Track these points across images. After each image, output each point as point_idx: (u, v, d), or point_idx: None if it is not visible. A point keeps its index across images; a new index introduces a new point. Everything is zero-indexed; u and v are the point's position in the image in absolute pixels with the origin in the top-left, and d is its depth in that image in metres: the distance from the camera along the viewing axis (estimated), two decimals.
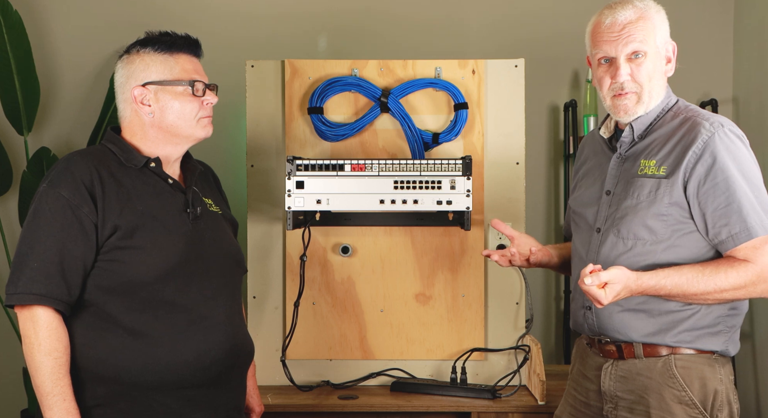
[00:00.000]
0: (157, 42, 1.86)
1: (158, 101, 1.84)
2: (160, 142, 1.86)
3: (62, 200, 1.74)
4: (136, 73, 1.84)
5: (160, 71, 1.84)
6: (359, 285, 2.44)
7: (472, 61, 2.44)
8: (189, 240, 1.82)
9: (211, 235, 1.89)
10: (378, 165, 2.21)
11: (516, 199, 2.45)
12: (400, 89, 2.40)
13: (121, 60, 1.88)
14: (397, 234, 2.44)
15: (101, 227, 1.76)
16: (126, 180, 1.81)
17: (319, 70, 2.43)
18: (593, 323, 1.89)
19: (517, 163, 2.45)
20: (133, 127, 1.87)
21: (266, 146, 2.45)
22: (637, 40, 1.80)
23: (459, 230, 2.41)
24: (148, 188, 1.83)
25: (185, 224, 1.84)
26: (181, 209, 1.85)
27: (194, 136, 1.88)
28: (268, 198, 2.45)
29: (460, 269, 2.44)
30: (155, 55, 1.84)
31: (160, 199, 1.83)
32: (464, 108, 2.40)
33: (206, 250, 1.85)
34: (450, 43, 2.96)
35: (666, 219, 1.78)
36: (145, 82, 1.83)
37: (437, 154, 2.42)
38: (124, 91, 1.86)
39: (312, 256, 2.43)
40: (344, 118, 2.44)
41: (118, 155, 1.84)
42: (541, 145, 3.03)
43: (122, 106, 1.88)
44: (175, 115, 1.84)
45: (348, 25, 2.96)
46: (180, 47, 1.87)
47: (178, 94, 1.84)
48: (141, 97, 1.84)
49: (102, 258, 1.76)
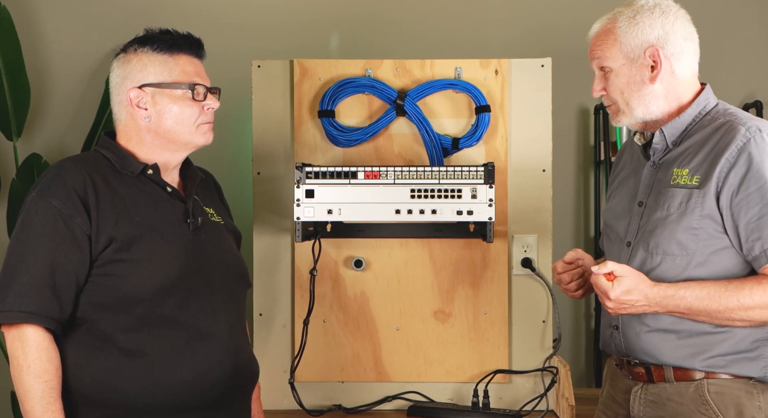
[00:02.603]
0: (156, 41, 1.85)
1: (155, 105, 1.84)
2: (157, 148, 1.86)
3: (53, 210, 1.74)
4: (132, 73, 1.84)
5: (158, 73, 1.84)
6: (373, 301, 2.46)
7: (494, 60, 2.45)
8: (189, 252, 1.83)
9: (213, 247, 1.89)
10: (393, 172, 2.22)
11: (542, 209, 2.45)
12: (418, 91, 2.41)
13: (117, 59, 1.88)
14: (414, 247, 2.45)
15: (95, 238, 1.76)
16: (121, 188, 1.81)
17: (330, 70, 2.45)
18: (620, 343, 1.88)
19: (543, 170, 2.45)
20: (128, 132, 1.87)
21: (274, 152, 2.47)
22: (597, 56, 1.86)
23: (481, 242, 2.42)
24: (145, 197, 1.83)
25: (185, 234, 1.84)
26: (181, 218, 1.85)
27: (193, 143, 1.88)
28: (275, 208, 2.46)
29: (481, 284, 2.45)
30: (154, 55, 1.85)
31: (159, 209, 1.84)
32: (486, 111, 2.41)
33: (208, 263, 1.86)
34: (471, 41, 2.97)
35: (697, 233, 1.76)
36: (142, 84, 1.83)
37: (457, 161, 2.43)
38: (119, 92, 1.87)
39: (323, 270, 2.44)
40: (357, 122, 2.45)
41: (113, 162, 1.84)
42: (569, 151, 3.03)
43: (117, 109, 1.88)
44: (173, 120, 1.84)
45: (361, 22, 2.97)
46: (180, 47, 1.87)
47: (176, 98, 1.84)
48: (137, 100, 1.84)
49: (96, 272, 1.76)
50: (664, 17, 1.82)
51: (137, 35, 1.89)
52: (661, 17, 1.82)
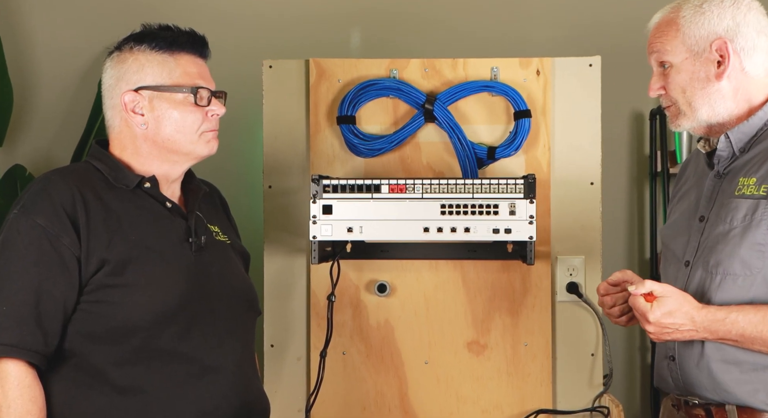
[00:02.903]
0: (155, 38, 1.85)
1: (153, 110, 1.84)
2: (155, 159, 1.86)
3: (38, 229, 1.74)
4: (127, 75, 1.84)
5: (157, 74, 1.84)
6: (399, 331, 2.44)
7: (536, 59, 2.45)
8: (191, 276, 1.83)
9: (218, 269, 1.89)
10: (422, 186, 2.21)
11: (590, 227, 2.44)
12: (449, 94, 2.41)
13: (110, 58, 1.88)
14: (444, 269, 2.44)
15: (85, 260, 1.75)
16: (115, 204, 1.81)
17: (350, 71, 2.46)
18: (677, 376, 1.86)
19: (591, 183, 2.44)
20: (122, 140, 1.87)
21: (287, 163, 2.48)
22: (656, 49, 1.85)
23: (520, 264, 2.40)
24: (141, 213, 1.83)
25: (187, 256, 1.84)
26: (182, 237, 1.86)
27: (195, 153, 1.88)
28: (288, 225, 2.47)
29: (521, 311, 2.43)
30: (152, 55, 1.84)
31: (157, 227, 1.84)
32: (526, 116, 2.40)
33: (212, 287, 1.86)
34: (509, 37, 2.97)
35: (764, 249, 1.74)
36: (138, 87, 1.83)
37: (493, 173, 2.42)
38: (112, 96, 1.87)
39: (342, 295, 2.44)
40: (381, 129, 2.45)
41: (106, 174, 1.84)
42: (621, 162, 3.02)
43: (110, 114, 1.88)
44: (173, 127, 1.84)
45: (385, 17, 2.99)
46: (182, 46, 1.86)
47: (177, 103, 1.84)
48: (132, 105, 1.84)
49: (86, 299, 1.76)
50: (736, 7, 1.81)
51: (133, 31, 1.89)
52: (732, 7, 1.81)
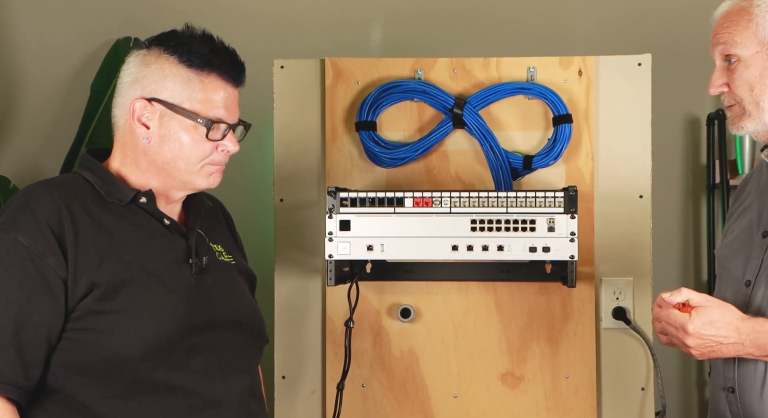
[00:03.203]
0: (189, 51, 1.84)
1: (161, 127, 1.84)
2: (151, 176, 1.87)
3: (20, 249, 1.73)
4: (146, 80, 1.84)
5: (177, 91, 1.83)
6: (425, 361, 2.44)
7: (578, 58, 2.45)
8: (191, 300, 1.83)
9: (222, 293, 1.90)
10: (450, 199, 2.21)
11: (639, 245, 2.43)
12: (480, 97, 2.41)
13: (137, 53, 1.88)
14: (475, 292, 2.44)
15: (73, 284, 1.74)
16: (107, 220, 1.81)
17: (371, 71, 2.47)
18: (738, 410, 1.86)
19: (640, 196, 2.44)
20: (125, 145, 1.88)
21: (300, 174, 2.49)
22: (722, 41, 1.85)
23: (560, 286, 2.40)
24: (136, 231, 1.83)
25: (186, 278, 1.85)
26: (181, 258, 1.86)
27: (192, 184, 1.89)
28: (301, 243, 2.48)
29: (562, 340, 2.42)
30: (178, 68, 1.84)
31: (153, 246, 1.84)
32: (567, 122, 2.40)
33: (214, 313, 1.86)
34: (547, 33, 2.98)
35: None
36: (153, 97, 1.84)
37: (530, 185, 2.42)
38: (124, 95, 1.87)
39: (361, 321, 2.44)
40: (404, 135, 2.46)
41: (97, 187, 1.85)
42: (674, 172, 3.01)
43: (118, 113, 1.89)
44: (175, 152, 1.84)
45: (409, 11, 3.00)
46: (215, 67, 1.85)
47: (187, 128, 1.84)
48: (140, 113, 1.84)
49: (73, 327, 1.75)
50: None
51: (174, 30, 1.88)
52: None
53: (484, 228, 2.21)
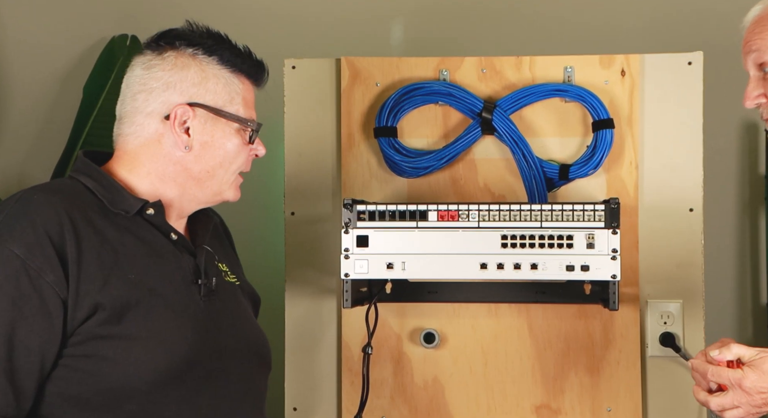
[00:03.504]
0: (224, 52, 1.89)
1: (203, 134, 1.87)
2: (175, 186, 1.88)
3: (15, 262, 1.70)
4: (184, 84, 1.86)
5: (220, 94, 1.88)
6: (450, 391, 2.45)
7: (620, 56, 2.45)
8: (200, 327, 1.83)
9: (230, 318, 1.91)
10: (478, 212, 2.22)
11: (689, 263, 2.43)
12: (512, 100, 2.43)
13: (160, 55, 1.88)
14: (506, 315, 2.45)
15: (73, 304, 1.72)
16: (111, 233, 1.80)
17: (391, 72, 2.49)
18: None
19: (690, 209, 2.44)
20: (140, 155, 1.87)
21: (313, 185, 2.51)
22: (755, 48, 1.88)
23: (601, 310, 2.40)
24: (141, 246, 1.83)
25: (195, 301, 1.85)
26: (189, 278, 1.87)
27: (222, 195, 1.93)
28: (315, 261, 2.49)
29: (603, 368, 2.42)
30: (220, 70, 1.89)
31: (160, 264, 1.84)
32: (608, 127, 2.41)
33: (223, 341, 1.87)
34: (586, 29, 2.98)
35: None
36: (195, 102, 1.86)
37: (567, 196, 2.43)
38: (153, 102, 1.87)
39: (380, 347, 2.45)
40: (428, 142, 2.48)
41: (99, 195, 1.83)
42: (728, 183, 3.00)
43: (140, 121, 1.87)
44: (218, 160, 1.89)
45: (433, 6, 3.01)
46: (245, 69, 1.92)
47: (230, 134, 1.89)
48: (182, 119, 1.86)
49: (72, 352, 1.74)
50: None
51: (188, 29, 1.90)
52: None
53: (516, 244, 2.21)
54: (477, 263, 2.22)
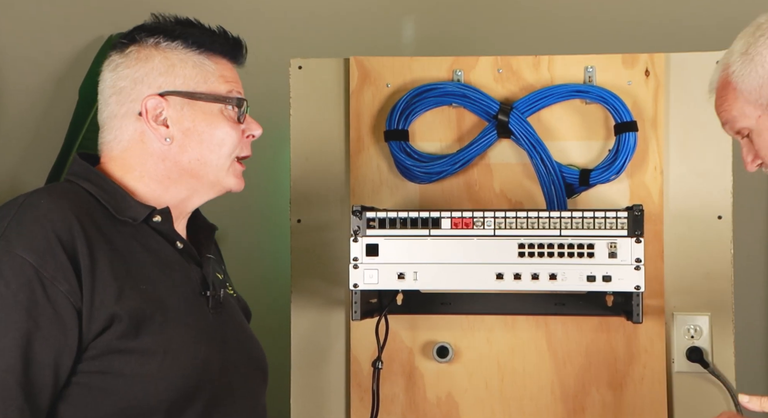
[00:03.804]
0: (189, 35, 1.87)
1: (181, 121, 1.84)
2: (172, 185, 1.86)
3: (28, 270, 1.67)
4: (151, 75, 1.84)
5: (191, 77, 1.85)
6: (465, 408, 2.45)
7: (644, 55, 2.46)
8: (210, 341, 1.83)
9: (235, 331, 1.91)
10: (494, 219, 2.22)
11: (718, 274, 2.43)
12: (530, 102, 2.43)
13: (123, 53, 1.87)
14: (524, 327, 2.45)
15: (88, 315, 1.69)
16: (118, 241, 1.78)
17: (402, 72, 2.49)
18: None
19: (719, 217, 2.44)
20: (128, 159, 1.86)
21: (320, 191, 2.51)
22: (725, 120, 1.95)
23: (624, 322, 2.40)
24: (149, 256, 1.81)
25: (204, 314, 1.84)
26: (197, 290, 1.86)
27: (221, 184, 1.90)
28: (322, 270, 2.49)
29: (627, 385, 2.42)
30: (186, 53, 1.86)
31: (169, 275, 1.83)
32: (631, 130, 2.40)
33: (231, 356, 1.87)
34: (608, 27, 2.98)
35: None
36: (165, 91, 1.84)
37: (588, 203, 2.43)
38: (125, 101, 1.85)
39: (391, 361, 2.45)
40: (441, 146, 2.48)
41: (103, 202, 1.81)
42: (759, 189, 3.00)
43: (118, 125, 1.86)
44: (205, 145, 1.85)
45: (447, 3, 3.01)
46: (217, 48, 1.89)
47: (214, 115, 1.86)
48: (154, 112, 1.84)
49: (86, 368, 1.71)
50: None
51: (146, 22, 1.91)
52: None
53: (534, 254, 2.21)
54: (493, 272, 2.22)
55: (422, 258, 2.23)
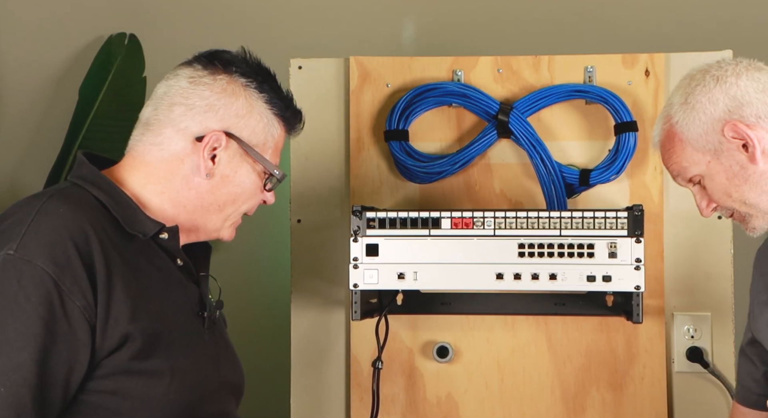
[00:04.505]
0: (273, 92, 1.88)
1: (228, 166, 1.84)
2: (183, 213, 1.84)
3: (47, 280, 1.62)
4: (227, 111, 1.83)
5: (258, 132, 1.86)
6: (465, 408, 2.45)
7: (644, 55, 2.46)
8: (207, 363, 1.82)
9: (224, 351, 1.91)
10: (494, 219, 2.22)
11: (718, 274, 2.43)
12: (530, 102, 2.43)
13: (211, 74, 1.85)
14: (524, 327, 2.45)
15: (102, 332, 1.66)
16: (129, 255, 1.74)
17: (402, 72, 2.49)
18: None
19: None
20: (160, 170, 1.82)
21: (320, 191, 2.51)
22: (676, 172, 1.99)
23: (624, 322, 2.40)
24: (155, 273, 1.79)
25: (201, 335, 1.83)
26: (195, 309, 1.84)
27: (217, 233, 1.90)
28: (322, 270, 2.49)
29: (626, 385, 2.42)
30: (265, 109, 1.87)
31: (172, 293, 1.81)
32: (632, 130, 2.40)
33: (221, 377, 1.87)
34: (608, 27, 2.98)
35: None
36: (232, 133, 1.83)
37: (588, 203, 2.43)
38: (191, 119, 1.82)
39: (391, 361, 2.45)
40: (441, 146, 2.48)
41: (114, 212, 1.76)
42: None
43: (169, 134, 1.83)
44: (233, 197, 1.86)
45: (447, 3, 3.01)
46: (288, 116, 1.91)
47: (251, 175, 1.87)
48: (212, 145, 1.82)
49: (96, 387, 1.68)
50: (722, 82, 1.91)
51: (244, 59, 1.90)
52: (718, 85, 1.91)
53: (534, 254, 2.22)
54: (493, 272, 2.22)
55: (422, 258, 2.23)
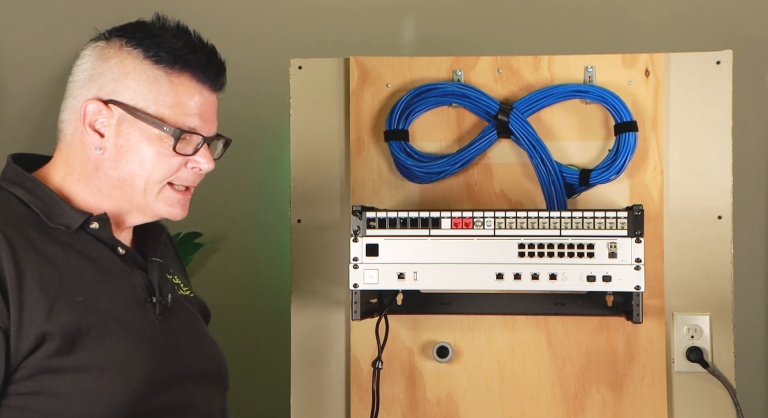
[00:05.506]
0: (159, 44, 1.76)
1: (118, 135, 1.75)
2: (103, 197, 1.78)
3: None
4: (103, 77, 1.76)
5: (141, 92, 1.75)
6: (465, 408, 2.45)
7: (644, 55, 2.46)
8: (158, 350, 1.75)
9: (188, 336, 1.84)
10: (494, 219, 2.23)
11: (718, 275, 2.43)
12: (530, 102, 2.43)
13: (94, 45, 1.79)
14: (524, 328, 2.45)
15: (16, 335, 1.62)
16: (52, 251, 1.70)
17: (402, 72, 2.49)
18: None
19: (719, 217, 2.44)
20: (71, 157, 1.79)
21: (320, 191, 2.51)
22: None
23: (624, 322, 2.40)
24: (87, 264, 1.73)
25: (150, 322, 1.76)
26: (142, 296, 1.78)
27: (150, 210, 1.81)
28: (322, 270, 2.50)
29: (626, 385, 2.42)
30: (144, 64, 1.75)
31: (109, 283, 1.74)
32: (631, 130, 2.40)
33: (182, 363, 1.79)
34: (608, 27, 2.98)
35: None
36: (110, 99, 1.75)
37: (588, 203, 2.43)
38: (76, 95, 1.78)
39: (391, 361, 2.45)
40: (441, 146, 2.48)
41: (35, 208, 1.73)
42: (758, 189, 3.00)
43: (66, 116, 1.80)
44: (134, 167, 1.75)
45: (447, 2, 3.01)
46: (190, 66, 1.77)
47: (151, 138, 1.75)
48: (93, 118, 1.75)
49: (17, 390, 1.64)
50: None
51: (143, 20, 1.80)
52: None
53: (534, 254, 2.22)
54: (493, 273, 2.22)
55: (422, 258, 2.23)
